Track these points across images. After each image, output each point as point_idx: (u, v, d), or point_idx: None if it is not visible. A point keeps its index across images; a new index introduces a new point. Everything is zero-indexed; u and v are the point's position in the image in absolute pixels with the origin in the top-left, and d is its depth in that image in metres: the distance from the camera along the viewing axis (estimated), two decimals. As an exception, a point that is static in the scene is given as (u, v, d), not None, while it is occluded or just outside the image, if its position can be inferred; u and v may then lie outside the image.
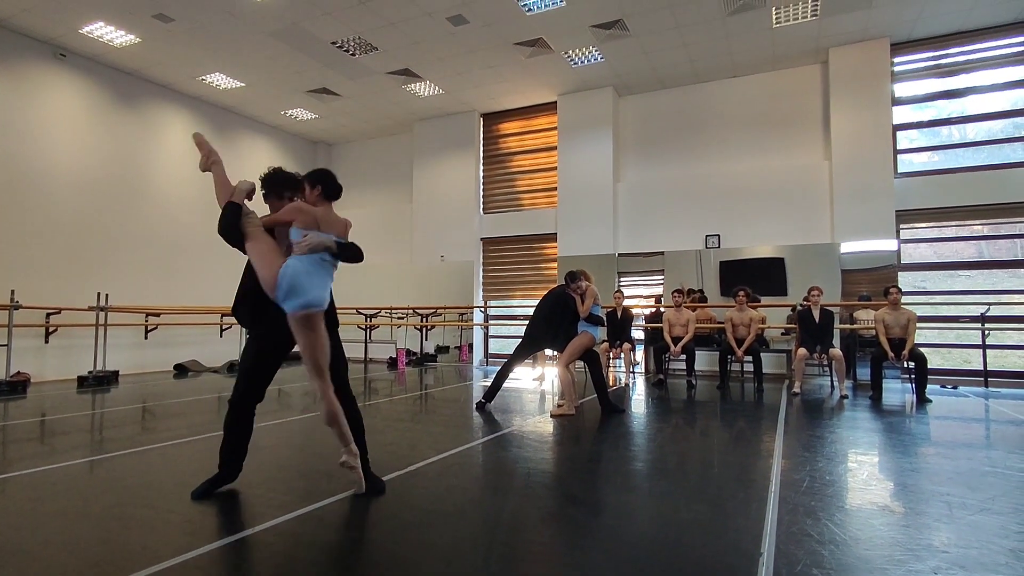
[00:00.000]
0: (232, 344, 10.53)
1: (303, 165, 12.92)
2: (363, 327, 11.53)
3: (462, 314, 11.51)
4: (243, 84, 9.98)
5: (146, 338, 9.54)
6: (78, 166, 8.88)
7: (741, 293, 7.47)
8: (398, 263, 12.16)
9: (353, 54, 8.91)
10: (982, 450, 4.06)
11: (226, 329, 10.67)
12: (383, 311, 11.59)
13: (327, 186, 3.03)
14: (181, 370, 9.65)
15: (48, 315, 8.29)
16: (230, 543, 2.29)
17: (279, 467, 3.55)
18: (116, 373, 8.31)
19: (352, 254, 2.88)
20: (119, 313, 8.77)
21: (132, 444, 4.09)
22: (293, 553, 2.22)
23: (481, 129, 11.58)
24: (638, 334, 9.21)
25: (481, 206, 11.50)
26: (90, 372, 7.91)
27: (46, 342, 8.35)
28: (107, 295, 8.42)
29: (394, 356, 10.57)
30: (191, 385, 7.76)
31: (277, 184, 3.13)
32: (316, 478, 3.32)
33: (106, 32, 8.22)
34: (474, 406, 5.74)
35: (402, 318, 11.56)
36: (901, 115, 8.73)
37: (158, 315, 9.51)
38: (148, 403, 6.17)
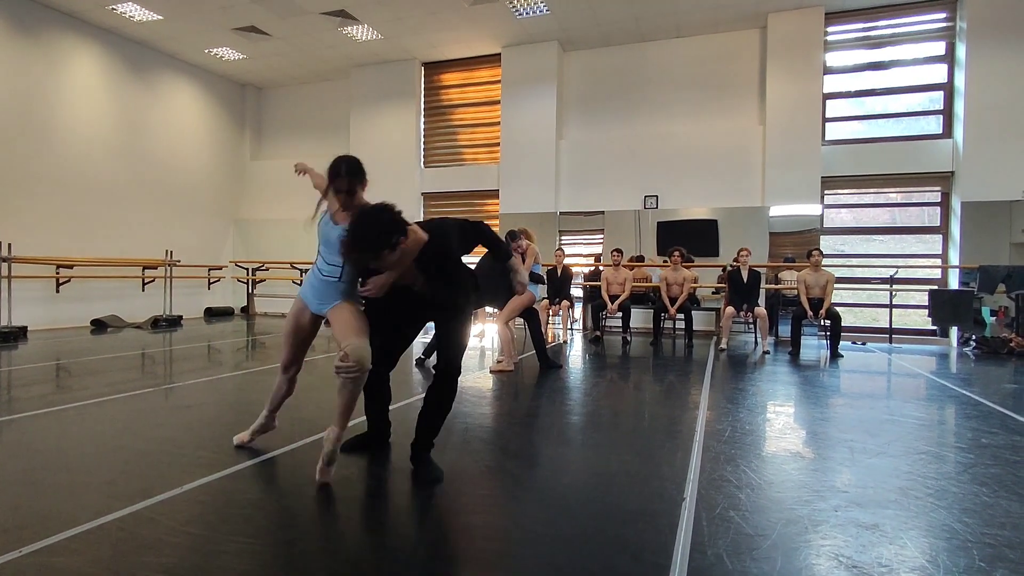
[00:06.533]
0: (156, 299, 9.98)
1: (230, 109, 12.13)
2: (298, 282, 11.20)
3: (402, 270, 11.31)
4: (160, 17, 9.14)
5: (58, 291, 8.88)
6: (-31, 100, 7.97)
7: (676, 253, 7.70)
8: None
9: (284, -10, 8.30)
10: (883, 400, 4.44)
11: (149, 283, 10.09)
12: (319, 266, 11.24)
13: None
14: (99, 325, 9.09)
15: (-59, 266, 7.56)
16: (157, 503, 2.22)
17: (208, 425, 3.45)
18: (24, 329, 7.73)
19: None
20: (26, 265, 8.11)
21: (45, 404, 3.85)
22: (225, 511, 2.18)
23: (422, 79, 11.17)
24: (577, 292, 9.38)
25: (422, 160, 11.21)
26: (-6, 328, 7.33)
27: (-60, 295, 7.64)
28: (10, 244, 7.75)
29: (331, 312, 10.33)
30: (111, 341, 7.34)
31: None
32: (249, 436, 3.24)
33: (-5, -53, 7.28)
34: (414, 362, 5.73)
35: (339, 273, 11.26)
36: (831, 84, 9.05)
37: (71, 267, 8.85)
38: (63, 360, 5.80)
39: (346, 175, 2.53)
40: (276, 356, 6.24)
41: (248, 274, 11.72)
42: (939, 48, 8.57)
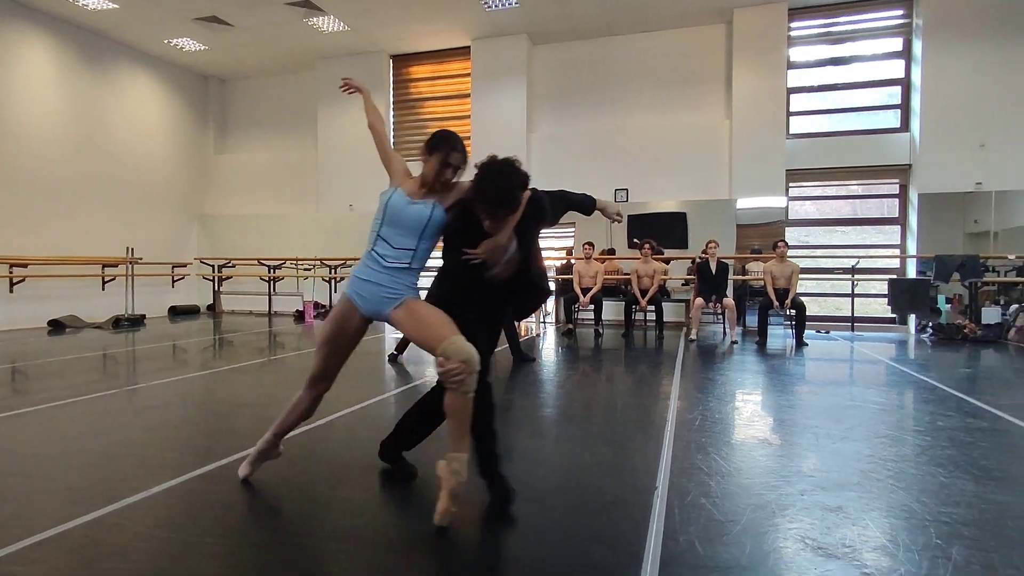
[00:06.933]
0: (117, 298, 9.67)
1: (192, 101, 11.80)
2: (266, 279, 10.99)
3: (373, 265, 11.20)
4: (116, 5, 8.81)
5: (11, 291, 8.54)
6: (-90, 92, 7.57)
7: (647, 246, 7.80)
8: (303, 212, 11.55)
9: (246, -21, 8.09)
10: (846, 386, 4.59)
11: (109, 281, 9.77)
12: (288, 262, 11.06)
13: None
14: (57, 326, 8.77)
15: None
16: (122, 507, 2.16)
17: (175, 426, 3.37)
18: (-23, 331, 7.43)
19: None
20: (-24, 264, 7.79)
21: (1, 408, 3.71)
22: (195, 513, 2.13)
23: (391, 72, 11.03)
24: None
25: (392, 154, 11.07)
26: (-57, 330, 7.01)
27: None
28: (-41, 243, 7.43)
29: (301, 309, 10.19)
30: (70, 342, 7.09)
31: None
32: (218, 435, 3.18)
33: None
34: (386, 358, 5.69)
35: (309, 269, 11.10)
36: (795, 78, 9.24)
37: (25, 266, 8.52)
38: (19, 363, 5.58)
39: (462, 151, 2.21)
40: (245, 354, 6.12)
41: (214, 271, 11.45)
42: (897, 44, 8.83)
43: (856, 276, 8.41)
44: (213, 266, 11.46)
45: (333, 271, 10.95)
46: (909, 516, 2.11)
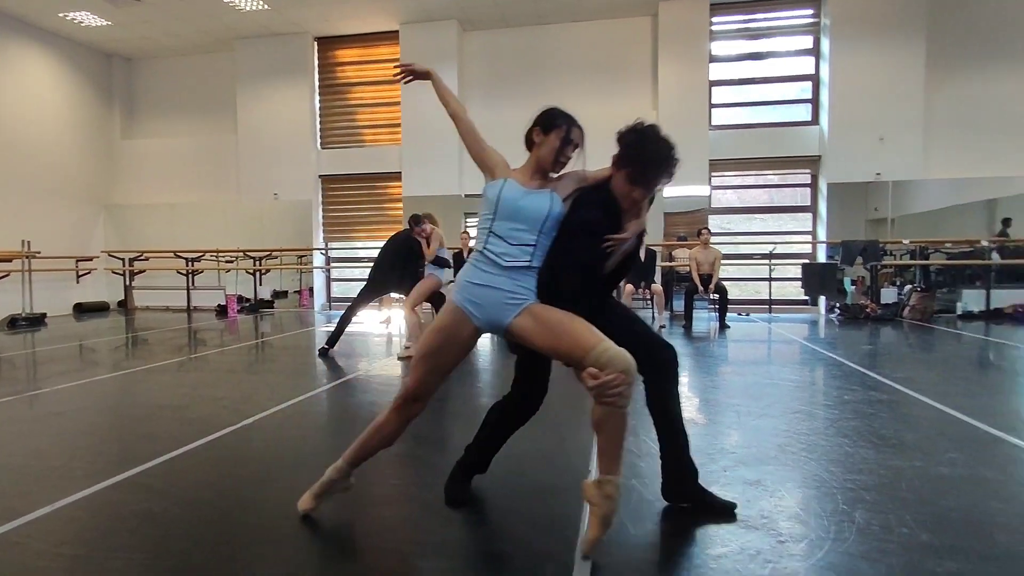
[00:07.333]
0: (12, 295, 8.85)
1: (94, 82, 10.90)
2: (184, 272, 10.39)
3: (301, 256, 10.83)
4: (0, -27, 7.99)
5: None
6: None
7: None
8: (223, 201, 10.96)
9: (153, -49, 7.52)
10: (764, 366, 4.87)
11: (2, 277, 8.92)
12: (208, 254, 10.49)
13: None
14: (-59, 328, 7.95)
15: None
16: (22, 524, 1.99)
17: (83, 433, 3.14)
18: None
19: None
20: None
21: None
22: (107, 525, 2.00)
23: (316, 55, 10.60)
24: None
25: (319, 141, 10.69)
26: None
27: None
28: None
29: (223, 303, 9.71)
30: (-43, 346, 6.45)
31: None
32: (134, 441, 3.00)
33: None
34: (317, 352, 5.52)
35: (231, 262, 10.58)
36: (716, 72, 9.61)
37: (-100, 262, 7.65)
38: None
39: (581, 128, 2.04)
40: (162, 352, 5.77)
41: (124, 265, 10.69)
42: (808, 42, 9.35)
43: (773, 261, 8.93)
44: (123, 259, 10.71)
45: (257, 263, 10.49)
46: (819, 485, 2.28)
